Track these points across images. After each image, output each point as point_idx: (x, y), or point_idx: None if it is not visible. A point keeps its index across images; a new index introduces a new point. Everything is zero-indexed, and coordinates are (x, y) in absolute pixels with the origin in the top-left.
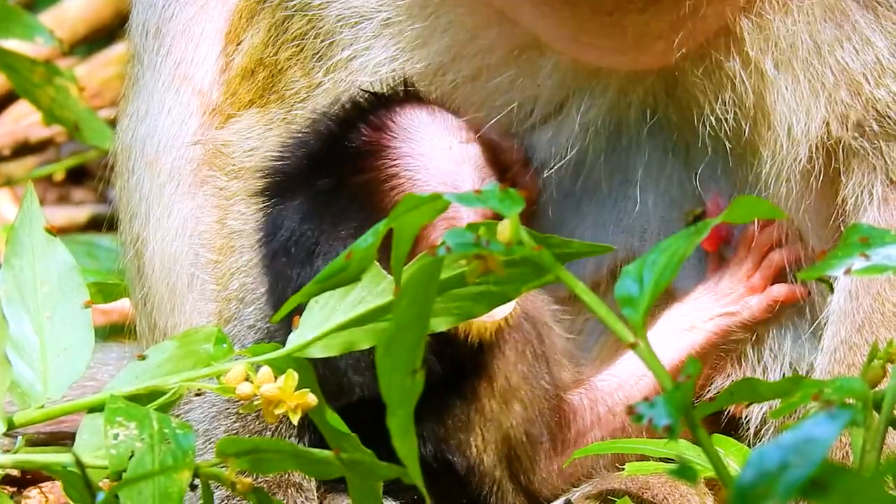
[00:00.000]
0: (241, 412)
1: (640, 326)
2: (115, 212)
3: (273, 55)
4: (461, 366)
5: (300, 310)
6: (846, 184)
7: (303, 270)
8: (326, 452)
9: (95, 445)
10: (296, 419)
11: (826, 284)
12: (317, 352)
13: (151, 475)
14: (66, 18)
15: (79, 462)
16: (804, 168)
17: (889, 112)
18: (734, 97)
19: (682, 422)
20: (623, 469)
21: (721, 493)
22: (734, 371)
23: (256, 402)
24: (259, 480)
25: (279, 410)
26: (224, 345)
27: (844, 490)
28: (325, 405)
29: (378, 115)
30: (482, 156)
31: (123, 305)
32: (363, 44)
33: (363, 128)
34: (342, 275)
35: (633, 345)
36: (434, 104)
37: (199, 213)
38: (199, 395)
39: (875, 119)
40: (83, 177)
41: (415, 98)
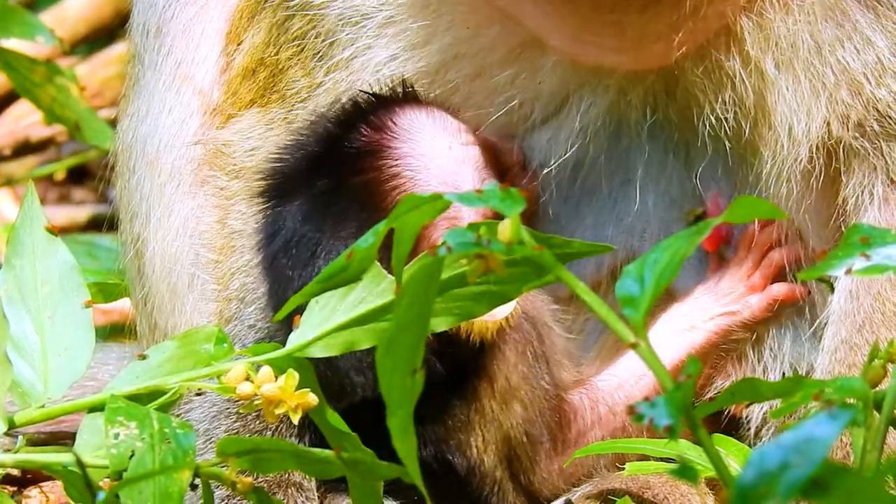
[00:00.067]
0: (242, 412)
1: (641, 326)
2: (116, 211)
3: (274, 55)
4: (462, 366)
5: (301, 310)
6: (847, 184)
7: (304, 271)
8: (327, 452)
9: (96, 445)
10: (296, 419)
11: (827, 284)
12: (317, 351)
13: (152, 475)
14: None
15: (79, 462)
16: (805, 168)
17: (890, 112)
18: (734, 97)
19: (683, 422)
20: (623, 469)
21: (722, 493)
22: (735, 371)
23: (257, 402)
24: (259, 480)
25: (280, 410)
26: (225, 344)
27: (845, 490)
28: (326, 405)
29: (378, 116)
30: (482, 157)
31: (124, 305)
32: (364, 42)
33: (363, 128)
34: (343, 274)
35: (634, 345)
36: (433, 105)
37: (200, 213)
38: (200, 395)
39: (876, 119)
40: (84, 176)
41: (414, 99)
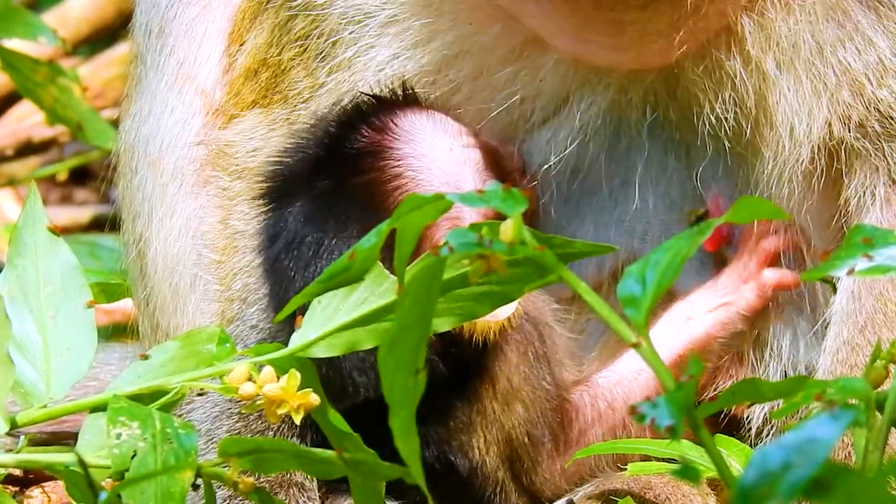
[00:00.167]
0: (244, 412)
1: (643, 326)
2: (118, 212)
3: (276, 55)
4: (464, 366)
5: (303, 310)
6: (848, 185)
7: (306, 271)
8: (329, 452)
9: (98, 445)
10: (298, 419)
11: (829, 285)
12: (320, 352)
13: (154, 475)
14: (70, 18)
15: (81, 462)
16: (806, 169)
17: (891, 113)
18: (735, 97)
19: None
20: (625, 469)
21: (723, 494)
22: (736, 371)
23: (259, 402)
24: (261, 480)
25: (282, 410)
26: (227, 345)
27: (847, 490)
28: (328, 405)
29: (379, 118)
30: (482, 159)
31: (126, 305)
32: (367, 42)
33: (364, 129)
34: (345, 275)
35: (636, 344)
36: (434, 108)
37: (202, 214)
38: (202, 395)
39: (877, 120)
40: (86, 177)
41: (415, 101)
